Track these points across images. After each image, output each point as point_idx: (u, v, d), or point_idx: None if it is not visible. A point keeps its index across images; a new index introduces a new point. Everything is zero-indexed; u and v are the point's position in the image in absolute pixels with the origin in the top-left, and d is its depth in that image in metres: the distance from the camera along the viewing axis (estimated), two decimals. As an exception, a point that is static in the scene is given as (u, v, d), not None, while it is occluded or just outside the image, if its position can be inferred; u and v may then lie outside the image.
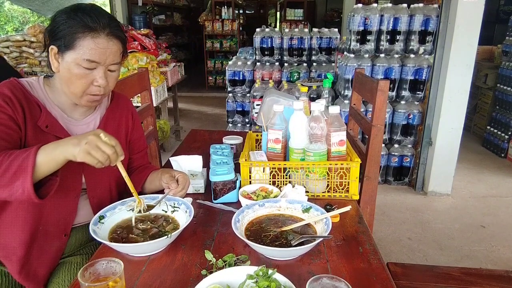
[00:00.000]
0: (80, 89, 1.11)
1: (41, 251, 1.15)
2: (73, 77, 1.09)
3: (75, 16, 1.07)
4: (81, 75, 1.09)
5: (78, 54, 1.07)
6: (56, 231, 1.18)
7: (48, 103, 1.16)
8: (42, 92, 1.16)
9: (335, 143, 1.33)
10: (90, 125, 1.24)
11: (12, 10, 8.57)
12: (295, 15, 8.44)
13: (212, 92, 7.57)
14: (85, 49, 1.06)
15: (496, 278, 1.45)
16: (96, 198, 1.24)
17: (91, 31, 1.07)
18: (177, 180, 1.25)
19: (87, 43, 1.06)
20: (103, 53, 1.09)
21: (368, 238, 1.12)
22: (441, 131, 3.17)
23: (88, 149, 0.94)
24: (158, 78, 3.79)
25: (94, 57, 1.07)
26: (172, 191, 1.22)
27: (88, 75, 1.10)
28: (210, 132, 2.14)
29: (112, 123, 1.29)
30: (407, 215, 3.01)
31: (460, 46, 2.95)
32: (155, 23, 7.29)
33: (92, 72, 1.10)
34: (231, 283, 0.85)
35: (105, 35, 1.09)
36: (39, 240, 1.15)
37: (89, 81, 1.10)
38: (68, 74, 1.09)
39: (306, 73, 3.81)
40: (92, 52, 1.07)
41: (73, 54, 1.07)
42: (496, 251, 2.54)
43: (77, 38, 1.06)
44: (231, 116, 3.95)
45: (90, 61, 1.07)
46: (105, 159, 0.96)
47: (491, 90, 4.56)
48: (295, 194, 1.23)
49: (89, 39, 1.07)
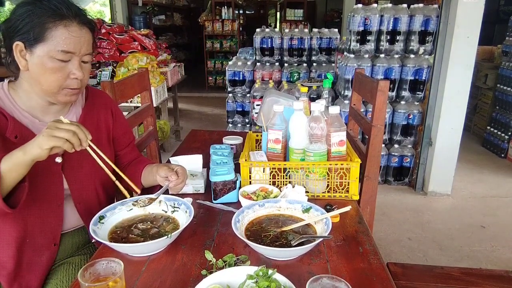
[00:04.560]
0: (56, 84, 1.03)
1: (31, 262, 1.11)
2: (47, 72, 1.01)
3: (41, 4, 0.99)
4: (56, 68, 1.01)
5: (51, 46, 0.99)
6: (45, 242, 1.13)
7: (15, 110, 1.07)
8: (7, 98, 1.07)
9: (335, 143, 1.33)
10: None
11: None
12: (295, 15, 8.45)
13: (212, 92, 7.57)
14: (58, 40, 0.99)
15: (496, 278, 1.45)
16: (82, 203, 1.19)
17: (63, 19, 0.99)
18: (176, 172, 1.19)
19: (60, 32, 0.99)
20: (78, 42, 1.02)
21: (368, 238, 1.12)
22: (441, 131, 3.17)
23: (49, 132, 0.90)
24: (158, 78, 3.79)
25: (69, 47, 1.00)
26: (173, 182, 1.17)
27: (64, 68, 1.02)
28: (210, 132, 2.14)
29: (90, 123, 1.20)
30: (407, 215, 3.01)
31: (460, 46, 2.95)
32: (155, 23, 7.30)
33: (67, 64, 1.03)
34: (231, 283, 0.85)
35: (77, 23, 1.02)
36: (28, 252, 1.10)
37: (65, 74, 1.03)
38: (40, 69, 1.01)
39: (306, 73, 3.81)
40: (66, 42, 0.99)
41: (44, 46, 0.99)
42: (496, 251, 2.53)
43: (47, 28, 0.98)
44: (231, 116, 3.95)
45: (65, 51, 1.00)
46: (71, 135, 0.91)
47: (491, 90, 4.56)
48: (295, 194, 1.23)
49: (61, 28, 0.99)
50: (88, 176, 1.19)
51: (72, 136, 0.91)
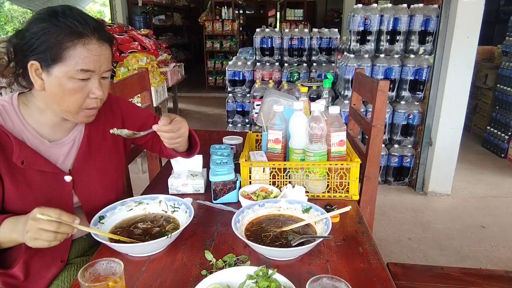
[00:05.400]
0: (76, 105, 1.00)
1: (37, 276, 1.10)
2: (66, 93, 0.97)
3: (57, 22, 0.94)
4: (75, 89, 0.98)
5: (69, 66, 0.95)
6: (52, 259, 1.12)
7: (24, 129, 1.03)
8: (16, 115, 1.02)
9: (335, 143, 1.33)
10: (74, 144, 1.13)
11: (12, 11, 8.57)
12: (295, 15, 8.45)
13: (212, 92, 7.58)
14: (77, 59, 0.94)
15: (496, 278, 1.45)
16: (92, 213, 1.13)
17: (81, 37, 0.95)
18: (172, 120, 1.08)
19: (79, 51, 0.95)
20: (98, 60, 0.98)
21: (368, 238, 1.12)
22: (441, 131, 3.17)
23: (32, 236, 0.87)
24: (158, 78, 3.80)
25: (89, 65, 0.96)
26: (156, 126, 1.06)
27: (83, 88, 0.99)
28: (210, 132, 2.14)
29: (95, 136, 1.17)
30: (407, 215, 3.01)
31: (460, 46, 2.95)
32: (155, 23, 7.30)
33: (86, 83, 0.99)
34: (231, 283, 0.85)
35: (96, 39, 0.97)
36: (35, 267, 1.09)
37: (85, 94, 1.00)
38: (59, 90, 0.97)
39: (306, 73, 3.81)
40: (86, 61, 0.95)
41: (62, 67, 0.95)
42: (496, 251, 2.53)
43: (65, 48, 0.94)
44: (231, 116, 3.95)
45: (85, 70, 0.96)
46: (53, 237, 0.87)
47: (491, 91, 4.56)
48: (295, 194, 1.23)
49: (80, 46, 0.95)
50: (99, 188, 1.18)
51: (54, 237, 0.88)
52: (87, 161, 1.15)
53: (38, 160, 1.03)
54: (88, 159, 1.15)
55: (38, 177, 1.04)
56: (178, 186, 1.39)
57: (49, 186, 1.06)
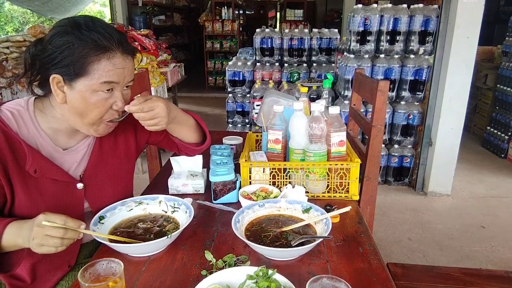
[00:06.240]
0: (98, 118, 0.99)
1: (44, 280, 1.10)
2: (89, 106, 0.96)
3: (81, 35, 0.92)
4: (99, 102, 0.97)
5: (93, 80, 0.94)
6: (60, 263, 1.12)
7: (39, 136, 1.02)
8: (31, 122, 1.01)
9: (335, 144, 1.33)
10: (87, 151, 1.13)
11: (12, 11, 8.58)
12: (295, 15, 8.45)
13: (212, 93, 7.58)
14: (101, 72, 0.94)
15: (496, 278, 1.45)
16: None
17: (106, 51, 0.93)
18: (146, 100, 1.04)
19: (103, 65, 0.94)
20: (121, 73, 0.97)
21: (368, 238, 1.12)
22: (441, 131, 3.17)
23: (38, 243, 0.87)
24: (158, 78, 3.80)
25: (113, 78, 0.96)
26: (127, 106, 1.02)
27: (107, 100, 0.98)
28: (210, 133, 2.13)
29: (107, 142, 1.17)
30: (407, 215, 3.01)
31: (460, 46, 2.95)
32: (155, 24, 7.30)
33: (110, 96, 0.98)
34: (231, 283, 0.85)
35: (120, 53, 0.96)
36: (42, 270, 1.09)
37: (107, 106, 0.99)
38: (82, 104, 0.96)
39: (306, 74, 3.81)
40: (110, 73, 0.95)
41: (86, 81, 0.94)
42: (496, 252, 2.53)
43: (90, 62, 0.92)
44: (231, 116, 3.95)
45: (109, 82, 0.96)
46: (60, 243, 0.87)
47: (491, 91, 4.56)
48: (295, 194, 1.23)
49: (105, 60, 0.94)
50: (109, 193, 1.18)
51: (60, 242, 0.88)
52: (98, 167, 1.15)
53: (51, 169, 1.02)
54: (100, 165, 1.15)
55: (51, 185, 1.04)
56: (178, 186, 1.39)
57: (61, 193, 1.06)
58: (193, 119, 1.31)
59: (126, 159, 1.24)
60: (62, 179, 1.05)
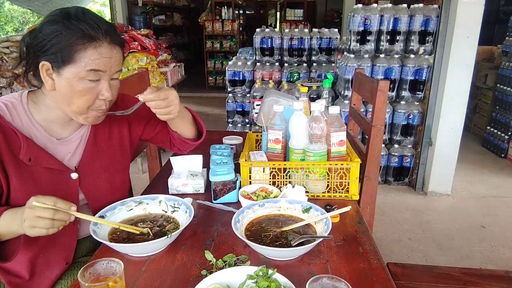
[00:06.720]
0: (85, 106, 1.01)
1: (42, 276, 1.11)
2: (76, 94, 0.99)
3: (69, 24, 0.95)
4: (85, 90, 0.99)
5: (79, 67, 0.96)
6: (58, 259, 1.12)
7: (32, 127, 1.04)
8: (25, 113, 1.04)
9: (335, 143, 1.33)
10: (81, 142, 1.14)
11: (12, 11, 8.58)
12: (295, 15, 8.45)
13: (212, 93, 7.57)
14: (88, 60, 0.96)
15: (496, 278, 1.45)
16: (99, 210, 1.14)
17: (93, 40, 0.96)
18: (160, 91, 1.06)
19: (90, 53, 0.96)
20: (108, 62, 0.99)
21: (368, 238, 1.12)
22: (441, 131, 3.17)
23: (29, 225, 0.88)
24: (158, 78, 3.80)
25: (99, 66, 0.98)
26: (141, 95, 1.05)
27: (93, 89, 1.00)
28: (210, 132, 2.13)
29: (102, 134, 1.19)
30: (407, 215, 3.01)
31: (460, 46, 2.95)
32: (155, 24, 7.30)
33: (96, 85, 1.01)
34: (231, 283, 0.85)
35: (107, 43, 0.98)
36: (40, 267, 1.09)
37: (94, 95, 1.01)
38: (69, 91, 0.98)
39: (306, 73, 3.81)
40: (96, 62, 0.97)
41: (73, 68, 0.96)
42: (496, 251, 2.53)
43: (76, 50, 0.95)
44: (231, 116, 3.95)
45: (95, 70, 0.98)
46: (50, 224, 0.88)
47: (491, 90, 4.56)
48: (295, 194, 1.23)
49: (91, 49, 0.96)
50: (105, 186, 1.19)
51: (51, 224, 0.88)
52: (93, 158, 1.16)
53: (45, 158, 1.04)
54: (94, 157, 1.17)
55: (45, 174, 1.05)
56: (178, 186, 1.39)
57: (55, 183, 1.07)
58: (190, 114, 1.32)
59: (120, 153, 1.25)
60: (56, 168, 1.07)
